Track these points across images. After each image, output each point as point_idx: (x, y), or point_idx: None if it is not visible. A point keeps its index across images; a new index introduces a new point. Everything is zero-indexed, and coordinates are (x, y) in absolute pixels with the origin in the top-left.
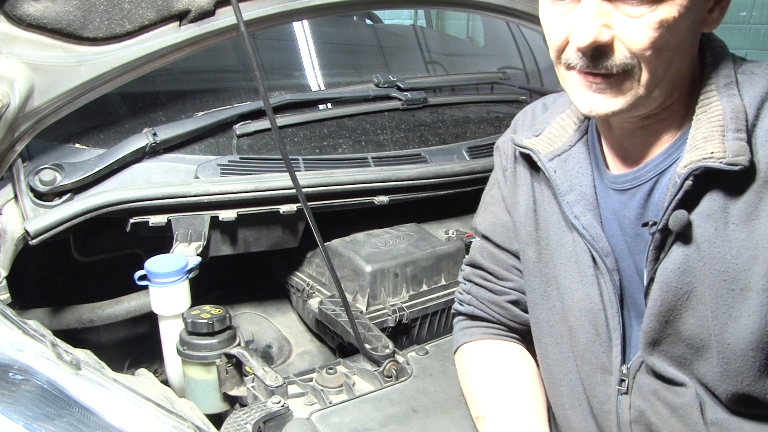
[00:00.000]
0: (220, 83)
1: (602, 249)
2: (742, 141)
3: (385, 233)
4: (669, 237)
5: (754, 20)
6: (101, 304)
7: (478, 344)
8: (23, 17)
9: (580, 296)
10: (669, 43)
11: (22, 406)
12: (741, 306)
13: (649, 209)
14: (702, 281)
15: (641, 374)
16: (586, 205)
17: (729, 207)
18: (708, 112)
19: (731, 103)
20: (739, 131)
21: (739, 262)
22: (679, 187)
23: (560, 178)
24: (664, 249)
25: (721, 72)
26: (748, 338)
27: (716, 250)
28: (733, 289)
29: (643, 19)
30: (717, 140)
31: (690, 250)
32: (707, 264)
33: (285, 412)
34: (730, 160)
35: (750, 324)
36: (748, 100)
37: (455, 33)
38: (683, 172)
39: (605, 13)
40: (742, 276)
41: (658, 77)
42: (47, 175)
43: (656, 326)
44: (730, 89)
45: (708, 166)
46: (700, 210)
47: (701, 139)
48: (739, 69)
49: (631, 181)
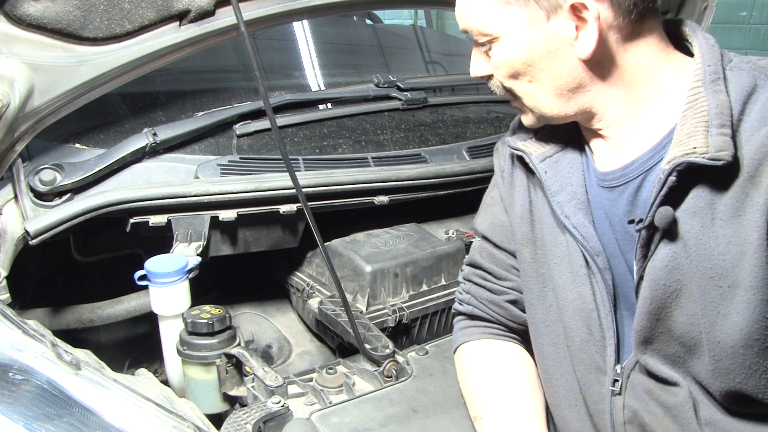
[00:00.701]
0: (220, 83)
1: (593, 248)
2: (725, 136)
3: (385, 233)
4: (656, 234)
5: (754, 20)
6: (101, 304)
7: (476, 344)
8: (23, 17)
9: (573, 296)
10: (520, 73)
11: (22, 406)
12: (729, 303)
13: (637, 206)
14: (690, 278)
15: (635, 374)
16: (576, 204)
17: (715, 203)
18: (694, 108)
19: (717, 98)
20: (723, 126)
21: (726, 259)
22: (663, 183)
23: (551, 178)
24: (651, 247)
25: (708, 68)
26: (737, 335)
27: (703, 246)
28: (721, 286)
29: (492, 57)
30: (701, 135)
31: (677, 247)
32: (695, 261)
33: (285, 412)
34: (712, 155)
35: (739, 321)
36: (734, 96)
37: (455, 33)
38: (667, 168)
39: (478, 55)
40: (729, 273)
41: (535, 97)
42: (47, 175)
43: (647, 324)
44: (716, 85)
45: (690, 161)
46: (686, 206)
47: (685, 134)
48: (727, 65)
49: (619, 178)
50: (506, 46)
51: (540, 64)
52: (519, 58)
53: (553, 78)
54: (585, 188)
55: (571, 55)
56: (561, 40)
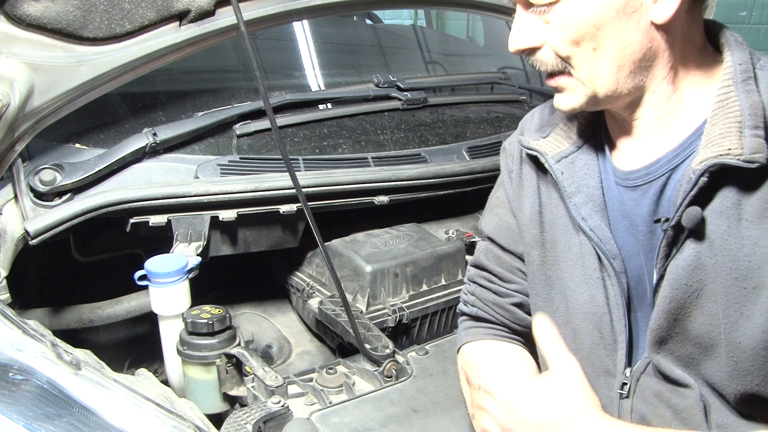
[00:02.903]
0: (220, 83)
1: (610, 251)
2: (760, 138)
3: (385, 233)
4: (681, 234)
5: (754, 20)
6: (101, 304)
7: (479, 344)
8: (23, 17)
9: (585, 299)
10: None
11: (22, 406)
12: (753, 304)
13: (661, 206)
14: (713, 279)
15: (645, 377)
16: (593, 206)
17: (742, 204)
18: (725, 107)
19: (749, 98)
20: (757, 128)
21: (751, 260)
22: (693, 183)
23: (567, 179)
24: (677, 246)
25: (740, 67)
26: (759, 337)
27: (729, 247)
28: (745, 288)
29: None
30: (734, 136)
31: (702, 247)
32: (719, 261)
33: (285, 412)
34: (747, 157)
35: (762, 323)
36: (766, 96)
37: (455, 33)
38: (699, 168)
39: (529, 22)
40: (754, 274)
41: (595, 68)
42: (47, 175)
43: (664, 324)
44: (748, 84)
45: (724, 162)
46: (713, 206)
47: (718, 134)
48: (757, 64)
49: (643, 177)
50: (578, 3)
51: (611, 27)
52: (591, 18)
53: (620, 46)
54: (602, 189)
55: (644, 21)
56: (640, 1)
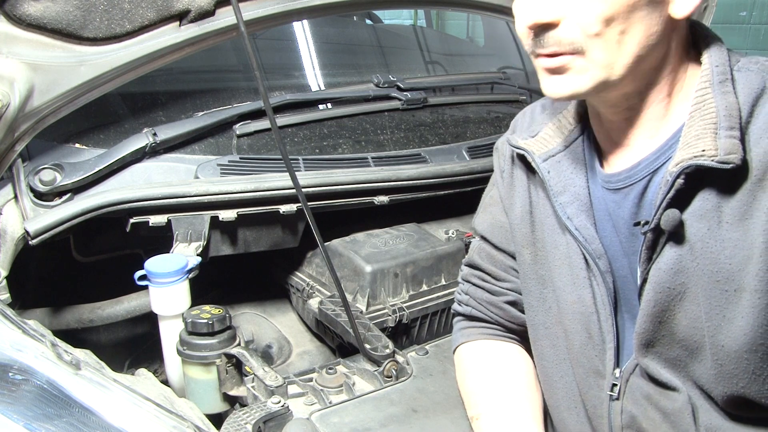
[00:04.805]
0: (220, 83)
1: (595, 251)
2: (734, 139)
3: (385, 233)
4: (661, 237)
5: (754, 20)
6: (101, 304)
7: (475, 344)
8: (23, 17)
9: (573, 299)
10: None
11: (22, 406)
12: (734, 307)
13: (643, 208)
14: (695, 282)
15: (634, 377)
16: (579, 206)
17: (722, 206)
18: (702, 109)
19: (725, 100)
20: (732, 129)
21: (732, 263)
22: (670, 185)
23: (554, 178)
24: (657, 249)
25: (716, 69)
26: (741, 340)
27: (709, 250)
28: (727, 290)
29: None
30: (709, 138)
31: (683, 250)
32: (700, 264)
33: (285, 412)
34: (721, 158)
35: (744, 325)
36: (742, 98)
37: (455, 33)
38: (674, 171)
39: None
40: (735, 276)
41: (617, 53)
42: (47, 175)
43: (650, 327)
44: (725, 86)
45: (699, 164)
46: (693, 209)
47: (693, 136)
48: (735, 65)
49: (624, 180)
50: None
51: (641, 12)
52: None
53: (645, 32)
54: (588, 189)
55: (665, 13)
56: None
